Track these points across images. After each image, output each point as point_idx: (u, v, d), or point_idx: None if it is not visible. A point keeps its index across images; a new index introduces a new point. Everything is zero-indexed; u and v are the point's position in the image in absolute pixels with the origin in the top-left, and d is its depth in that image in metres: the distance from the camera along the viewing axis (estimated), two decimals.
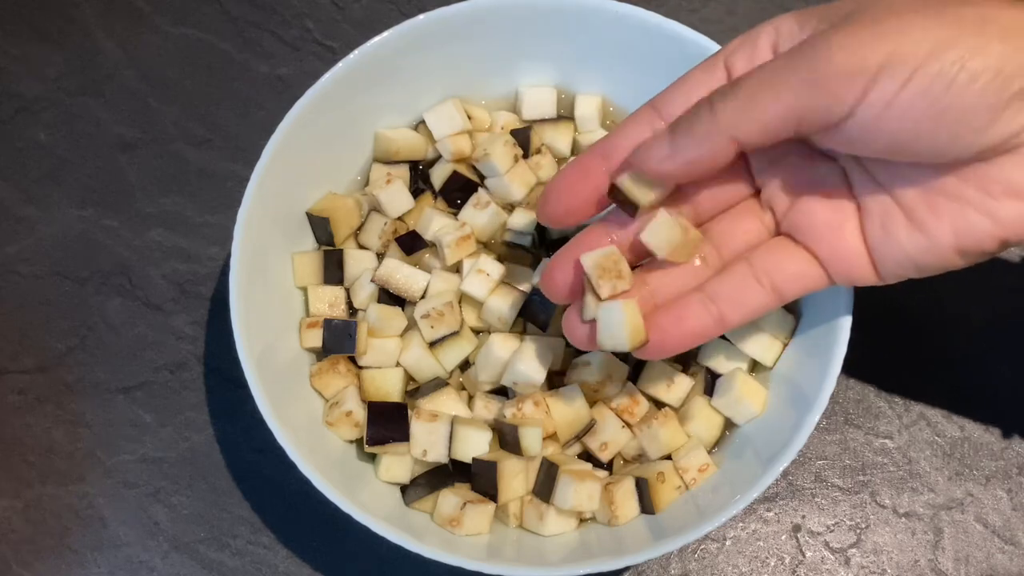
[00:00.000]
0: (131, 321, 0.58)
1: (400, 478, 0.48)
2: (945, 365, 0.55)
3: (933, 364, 0.55)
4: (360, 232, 0.53)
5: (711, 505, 0.45)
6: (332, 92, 0.50)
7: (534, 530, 0.47)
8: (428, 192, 0.54)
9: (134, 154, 0.62)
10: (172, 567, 0.53)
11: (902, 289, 0.38)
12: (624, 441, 0.48)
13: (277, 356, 0.48)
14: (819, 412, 0.43)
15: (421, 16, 0.50)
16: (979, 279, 0.56)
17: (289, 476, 0.44)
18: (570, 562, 0.43)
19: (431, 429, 0.46)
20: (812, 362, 0.46)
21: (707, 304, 0.40)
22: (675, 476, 0.47)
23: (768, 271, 0.40)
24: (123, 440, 0.56)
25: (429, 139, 0.54)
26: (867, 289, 0.46)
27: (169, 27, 0.65)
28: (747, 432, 0.48)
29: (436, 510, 0.47)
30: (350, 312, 0.52)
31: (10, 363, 0.57)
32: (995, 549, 0.52)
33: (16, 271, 0.59)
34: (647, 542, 0.44)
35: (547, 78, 0.55)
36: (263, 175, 0.48)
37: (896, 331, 0.55)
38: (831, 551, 0.52)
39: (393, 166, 0.54)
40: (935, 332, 0.56)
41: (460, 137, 0.53)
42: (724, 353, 0.49)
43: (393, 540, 0.43)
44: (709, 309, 0.40)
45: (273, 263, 0.50)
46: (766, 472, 0.43)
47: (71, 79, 0.63)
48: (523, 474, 0.47)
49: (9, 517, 0.55)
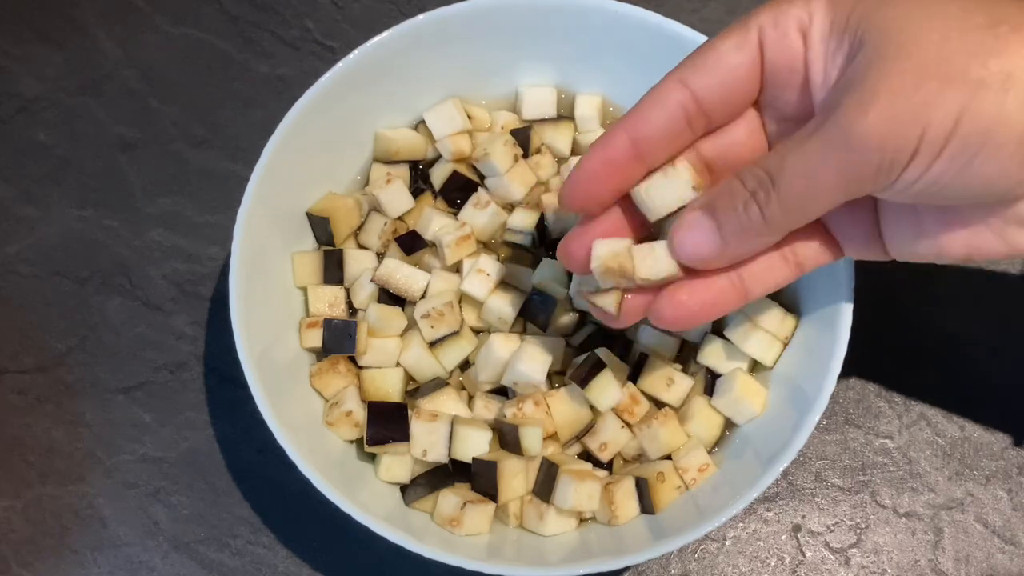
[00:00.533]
0: (131, 321, 0.58)
1: (400, 478, 0.48)
2: (945, 365, 0.55)
3: (933, 364, 0.55)
4: (360, 232, 0.53)
5: (711, 505, 0.45)
6: (332, 92, 0.50)
7: (534, 530, 0.47)
8: (428, 192, 0.54)
9: (134, 154, 0.62)
10: (172, 567, 0.53)
11: (903, 289, 0.38)
12: (624, 441, 0.48)
13: (277, 356, 0.48)
14: (819, 412, 0.43)
15: (421, 16, 0.50)
16: (981, 280, 0.56)
17: (289, 476, 0.44)
18: (570, 562, 0.43)
19: (431, 429, 0.46)
20: (812, 362, 0.46)
21: (731, 275, 0.40)
22: (675, 476, 0.47)
23: (794, 248, 0.40)
24: (123, 440, 0.56)
25: (429, 139, 0.54)
26: (868, 288, 0.46)
27: (169, 27, 0.65)
28: (747, 432, 0.48)
29: (436, 510, 0.47)
30: (350, 312, 0.52)
31: (10, 363, 0.57)
32: (995, 549, 0.52)
33: (16, 271, 0.59)
34: (647, 542, 0.44)
35: (547, 78, 0.55)
36: (263, 175, 0.48)
37: (897, 330, 0.55)
38: (831, 551, 0.52)
39: (393, 166, 0.54)
40: (936, 332, 0.56)
41: (460, 137, 0.53)
42: (724, 353, 0.49)
43: (393, 540, 0.43)
44: (732, 279, 0.40)
45: (273, 263, 0.50)
46: (766, 472, 0.43)
47: (71, 79, 0.63)
48: (523, 474, 0.47)
49: (9, 517, 0.54)
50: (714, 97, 0.37)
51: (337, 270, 0.51)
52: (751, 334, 0.48)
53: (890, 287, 0.38)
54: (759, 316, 0.48)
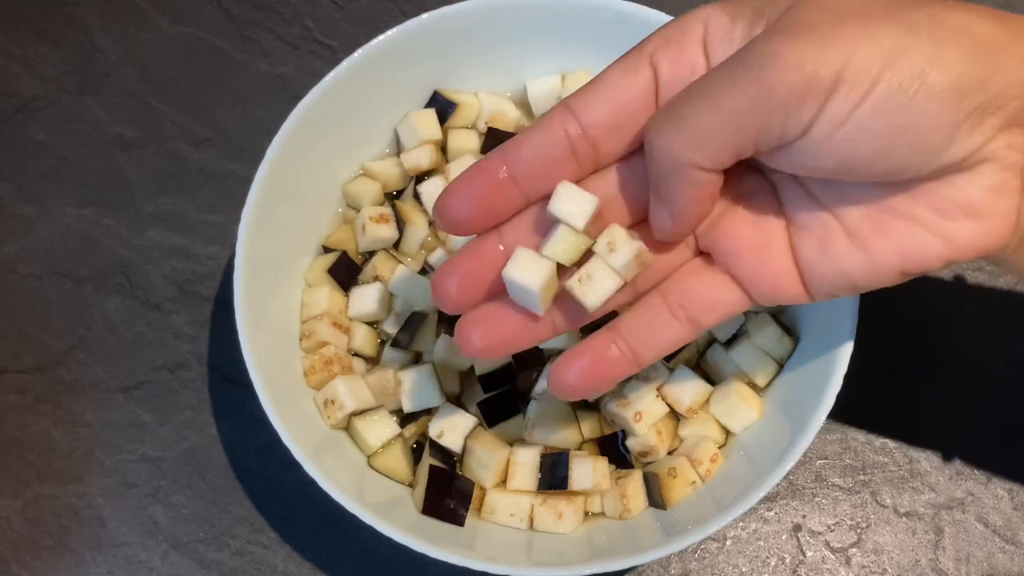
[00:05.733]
0: (130, 320, 0.58)
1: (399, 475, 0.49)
2: (946, 364, 0.55)
3: (934, 363, 0.55)
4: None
5: (724, 499, 0.44)
6: (335, 91, 0.50)
7: (543, 528, 0.47)
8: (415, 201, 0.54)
9: (133, 153, 0.62)
10: (171, 567, 0.53)
11: (904, 289, 0.38)
12: (660, 412, 0.47)
13: (280, 357, 0.48)
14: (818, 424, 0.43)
15: (425, 16, 0.50)
16: (983, 279, 0.56)
17: (289, 476, 0.44)
18: (579, 561, 0.43)
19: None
20: (811, 381, 0.45)
21: (618, 342, 0.37)
22: (687, 471, 0.47)
23: (683, 301, 0.37)
24: (122, 440, 0.56)
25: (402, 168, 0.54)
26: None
27: (168, 26, 0.64)
28: (744, 440, 0.48)
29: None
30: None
31: (9, 363, 0.57)
32: (996, 549, 0.52)
33: (15, 270, 0.59)
34: (659, 539, 0.44)
35: (550, 76, 0.55)
36: (267, 173, 0.48)
37: (897, 330, 0.55)
38: (832, 551, 0.52)
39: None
40: (936, 331, 0.56)
41: (422, 150, 0.53)
42: (721, 365, 0.49)
43: (401, 541, 0.43)
44: (621, 348, 0.37)
45: (276, 263, 0.50)
46: (772, 472, 0.43)
47: (70, 78, 0.63)
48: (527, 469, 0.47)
49: (8, 517, 0.54)
50: (602, 122, 0.34)
51: (344, 272, 0.52)
52: (747, 353, 0.48)
53: (893, 287, 0.38)
54: (756, 335, 0.48)
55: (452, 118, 0.54)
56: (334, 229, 0.54)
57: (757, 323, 0.48)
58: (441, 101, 0.54)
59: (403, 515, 0.46)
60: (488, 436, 0.48)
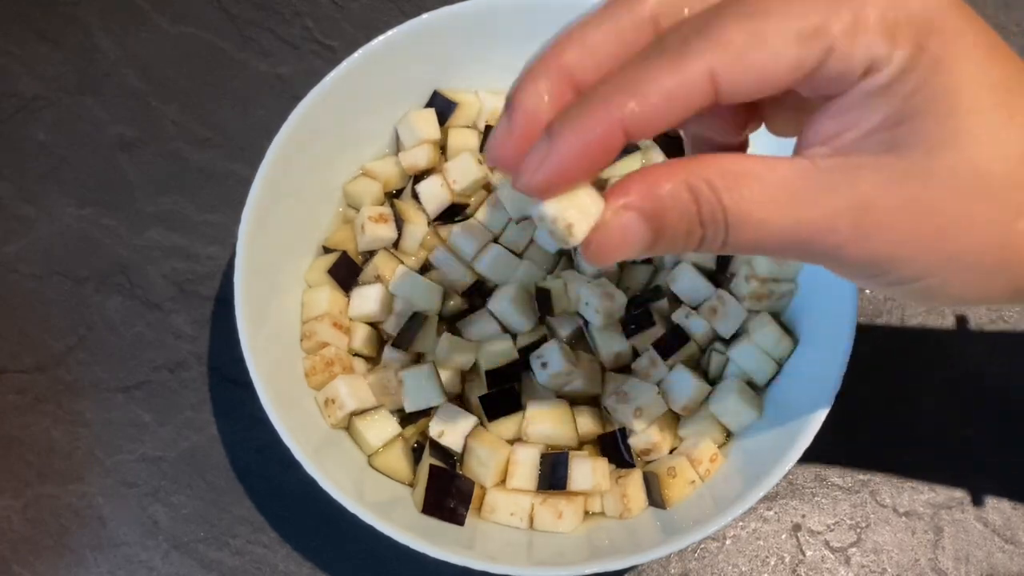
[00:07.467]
0: (130, 320, 0.58)
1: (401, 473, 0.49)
2: (946, 364, 0.55)
3: (934, 363, 0.55)
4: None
5: (724, 498, 0.44)
6: (335, 91, 0.50)
7: (543, 528, 0.47)
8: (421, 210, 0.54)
9: (133, 153, 0.62)
10: (171, 566, 0.53)
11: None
12: (660, 409, 0.48)
13: (280, 357, 0.48)
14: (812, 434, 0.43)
15: (425, 15, 0.50)
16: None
17: (289, 476, 0.44)
18: (579, 561, 0.43)
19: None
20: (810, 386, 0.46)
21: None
22: (687, 470, 0.47)
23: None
24: (122, 439, 0.56)
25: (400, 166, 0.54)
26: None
27: (168, 26, 0.64)
28: (744, 440, 0.48)
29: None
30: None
31: (9, 363, 0.57)
32: (995, 548, 0.52)
33: (15, 270, 0.59)
34: (659, 538, 0.44)
35: None
36: (267, 173, 0.48)
37: (897, 330, 0.55)
38: (831, 550, 0.52)
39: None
40: (936, 331, 0.56)
41: (420, 150, 0.53)
42: (721, 365, 0.49)
43: (401, 541, 0.43)
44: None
45: (276, 263, 0.50)
46: (772, 472, 0.43)
47: (70, 78, 0.63)
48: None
49: (8, 516, 0.54)
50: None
51: (344, 272, 0.52)
52: (746, 352, 0.48)
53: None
54: (756, 335, 0.48)
55: (452, 117, 0.54)
56: (334, 229, 0.54)
57: (757, 323, 0.48)
58: (441, 100, 0.54)
59: (403, 515, 0.46)
60: (488, 435, 0.48)
